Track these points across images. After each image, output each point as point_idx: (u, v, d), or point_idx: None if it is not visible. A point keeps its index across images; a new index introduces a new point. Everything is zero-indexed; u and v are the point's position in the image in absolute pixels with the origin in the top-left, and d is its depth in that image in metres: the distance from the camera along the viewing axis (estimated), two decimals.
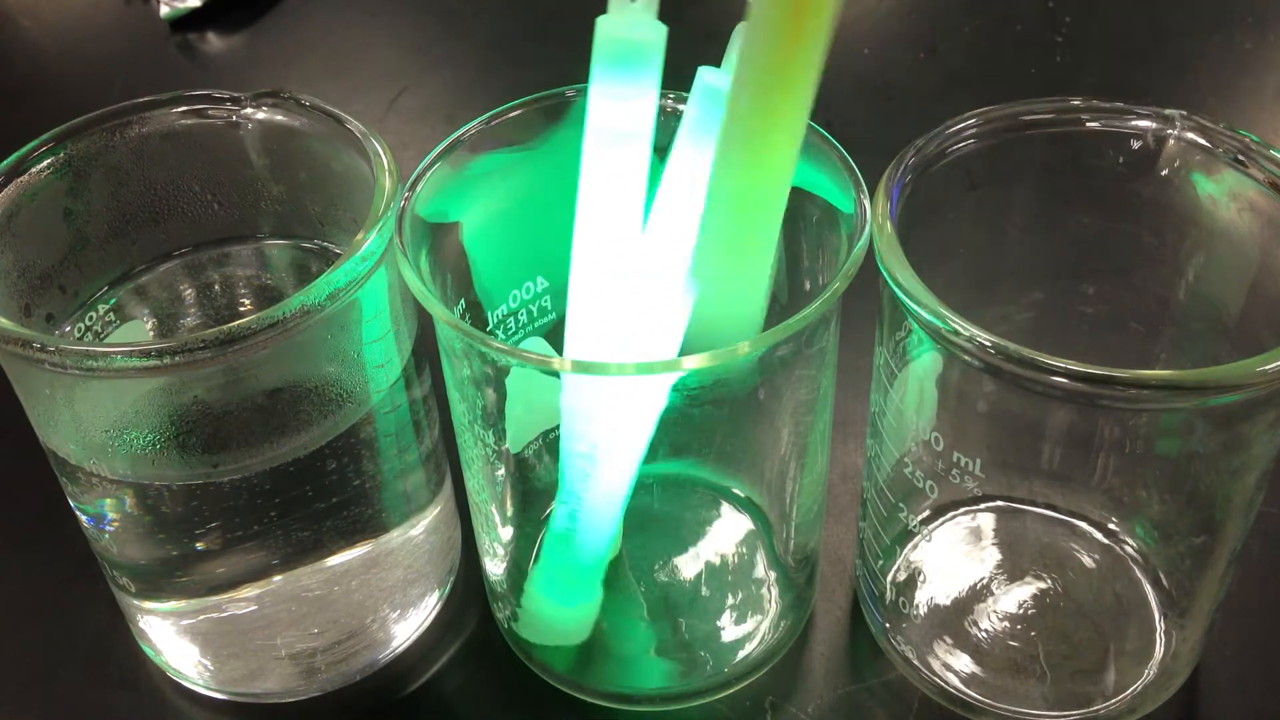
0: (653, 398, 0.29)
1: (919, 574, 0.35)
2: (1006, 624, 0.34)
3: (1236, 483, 0.30)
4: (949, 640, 0.34)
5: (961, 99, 0.35)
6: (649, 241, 0.29)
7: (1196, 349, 0.32)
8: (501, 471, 0.33)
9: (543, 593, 0.33)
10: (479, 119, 0.32)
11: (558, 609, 0.33)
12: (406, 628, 0.36)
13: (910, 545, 0.36)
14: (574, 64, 0.29)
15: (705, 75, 0.28)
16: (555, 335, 0.34)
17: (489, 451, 0.32)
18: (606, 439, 0.29)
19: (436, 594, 0.36)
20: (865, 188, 0.29)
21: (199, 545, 0.31)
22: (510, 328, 0.34)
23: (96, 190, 0.33)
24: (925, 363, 0.30)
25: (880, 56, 0.60)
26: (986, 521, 0.36)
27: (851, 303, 0.29)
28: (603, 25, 0.27)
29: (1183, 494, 0.32)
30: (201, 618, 0.33)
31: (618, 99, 0.28)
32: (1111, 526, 0.36)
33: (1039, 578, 0.35)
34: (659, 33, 0.27)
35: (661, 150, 0.29)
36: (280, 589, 0.32)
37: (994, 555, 0.36)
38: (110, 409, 0.29)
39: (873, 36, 0.61)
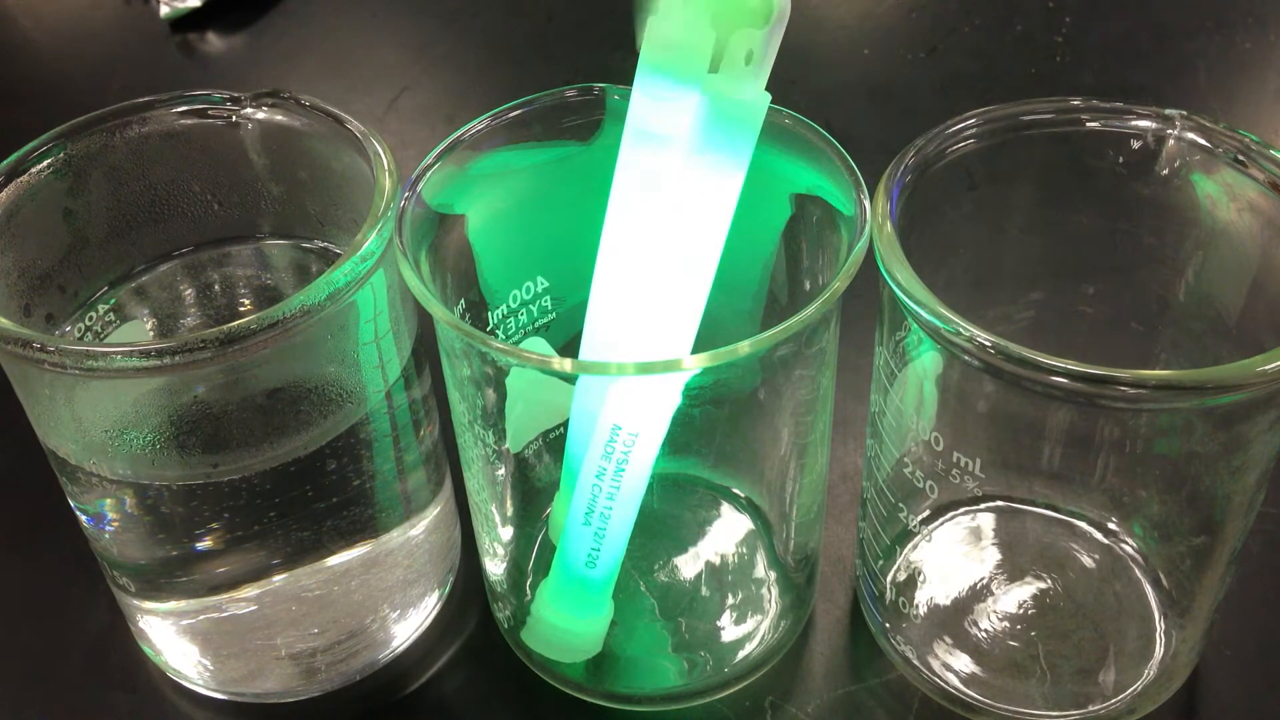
0: (669, 399, 0.29)
1: (919, 574, 0.35)
2: (1006, 624, 0.34)
3: (1236, 483, 0.30)
4: (949, 640, 0.34)
5: (961, 99, 0.35)
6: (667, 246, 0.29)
7: (1196, 349, 0.32)
8: (501, 471, 0.33)
9: (557, 607, 0.33)
10: (485, 115, 0.32)
11: (573, 622, 0.33)
12: (406, 628, 0.35)
13: (910, 545, 0.36)
14: (574, 64, 0.29)
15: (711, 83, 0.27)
16: (554, 335, 0.34)
17: (489, 451, 0.32)
18: (627, 446, 0.29)
19: (436, 594, 0.36)
20: (865, 188, 0.29)
21: (199, 545, 0.31)
22: (510, 328, 0.34)
23: (96, 190, 0.33)
24: (925, 363, 0.30)
25: (880, 56, 0.60)
26: (986, 521, 0.36)
27: (851, 303, 0.29)
28: (651, 25, 0.27)
29: (1182, 494, 0.32)
30: (201, 618, 0.33)
31: (659, 100, 0.28)
32: (1111, 526, 0.36)
33: (1039, 578, 0.35)
34: (707, 37, 0.27)
35: None
36: (280, 589, 0.32)
37: (994, 555, 0.36)
38: (110, 409, 0.29)
39: (873, 36, 0.61)
